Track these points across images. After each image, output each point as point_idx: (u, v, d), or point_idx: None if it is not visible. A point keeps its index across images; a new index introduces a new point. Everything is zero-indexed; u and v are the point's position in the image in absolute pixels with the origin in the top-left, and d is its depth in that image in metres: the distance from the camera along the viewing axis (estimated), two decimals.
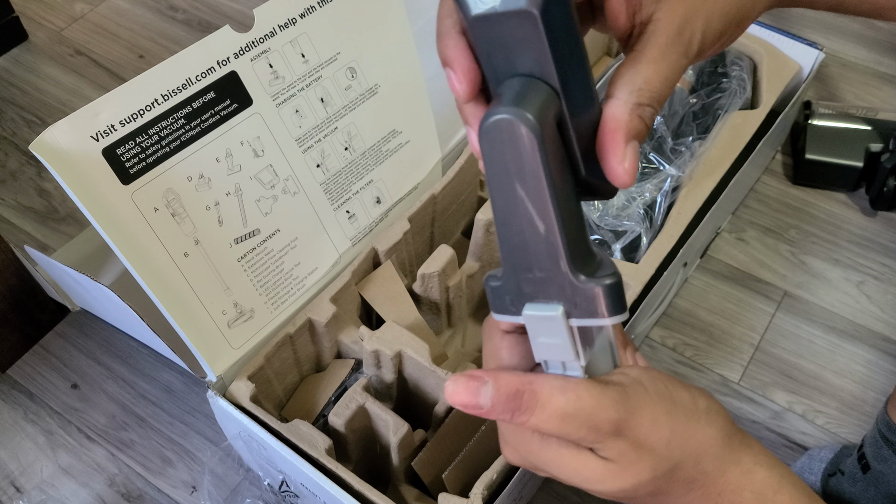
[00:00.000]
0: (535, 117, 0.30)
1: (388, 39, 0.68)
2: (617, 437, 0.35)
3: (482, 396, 0.34)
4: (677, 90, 0.85)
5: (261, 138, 0.61)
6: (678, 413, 0.36)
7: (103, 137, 0.52)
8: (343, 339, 0.69)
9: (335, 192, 0.68)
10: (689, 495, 0.38)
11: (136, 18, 1.21)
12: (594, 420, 0.34)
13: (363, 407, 0.63)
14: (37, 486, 0.77)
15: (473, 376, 0.34)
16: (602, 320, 0.34)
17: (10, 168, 1.02)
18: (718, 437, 0.37)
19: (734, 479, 0.37)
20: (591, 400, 0.34)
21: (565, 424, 0.34)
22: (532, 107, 0.31)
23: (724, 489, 0.37)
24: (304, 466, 0.59)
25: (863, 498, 0.66)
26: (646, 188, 0.77)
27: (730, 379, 0.82)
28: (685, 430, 0.36)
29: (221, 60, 0.57)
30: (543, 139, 0.30)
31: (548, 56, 0.31)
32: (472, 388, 0.34)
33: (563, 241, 0.32)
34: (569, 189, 0.33)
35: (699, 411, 0.37)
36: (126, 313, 0.61)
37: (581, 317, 0.34)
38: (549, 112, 0.31)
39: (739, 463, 0.37)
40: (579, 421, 0.34)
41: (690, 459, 0.37)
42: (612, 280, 0.33)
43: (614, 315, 0.34)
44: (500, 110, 0.30)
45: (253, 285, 0.63)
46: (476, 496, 0.57)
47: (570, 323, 0.34)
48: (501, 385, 0.34)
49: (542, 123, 0.31)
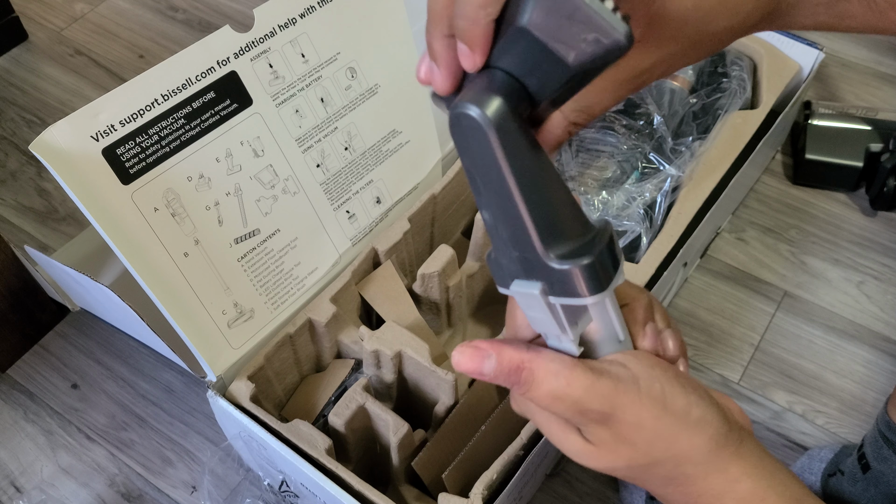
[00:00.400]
0: (492, 111, 0.31)
1: (388, 39, 0.68)
2: (600, 425, 0.37)
3: (486, 366, 0.37)
4: (677, 90, 0.85)
5: (261, 138, 0.61)
6: (666, 418, 0.37)
7: (103, 137, 0.52)
8: (343, 339, 0.69)
9: (335, 192, 0.68)
10: (667, 488, 0.39)
11: (136, 18, 1.21)
12: (580, 406, 0.36)
13: (363, 407, 0.63)
14: (37, 485, 0.77)
15: (479, 348, 0.37)
16: (580, 300, 0.35)
17: (10, 168, 1.02)
18: (704, 447, 0.37)
19: (717, 485, 0.38)
20: (580, 389, 0.36)
21: (555, 404, 0.37)
22: (491, 100, 0.32)
23: (704, 492, 0.38)
24: (304, 466, 0.59)
25: (863, 498, 0.66)
26: (646, 188, 0.77)
27: (730, 379, 0.82)
28: (669, 435, 0.37)
29: (221, 60, 0.58)
30: (501, 131, 0.32)
31: None
32: (477, 358, 0.37)
33: (533, 224, 0.34)
34: (541, 172, 0.34)
35: (689, 420, 0.37)
36: (126, 313, 0.61)
37: (559, 295, 0.35)
38: (511, 103, 0.32)
39: (725, 472, 0.38)
40: (567, 404, 0.36)
41: (671, 461, 0.38)
42: (589, 260, 0.34)
43: (594, 294, 0.34)
44: (460, 105, 0.32)
45: (253, 285, 0.63)
46: (476, 496, 0.57)
47: (549, 300, 0.35)
48: (504, 359, 0.37)
49: (502, 115, 0.32)
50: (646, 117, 0.81)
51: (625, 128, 0.81)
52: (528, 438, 0.60)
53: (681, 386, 0.38)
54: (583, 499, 0.74)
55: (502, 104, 0.32)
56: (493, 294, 0.79)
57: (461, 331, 0.80)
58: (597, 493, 0.74)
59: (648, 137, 0.80)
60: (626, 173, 0.79)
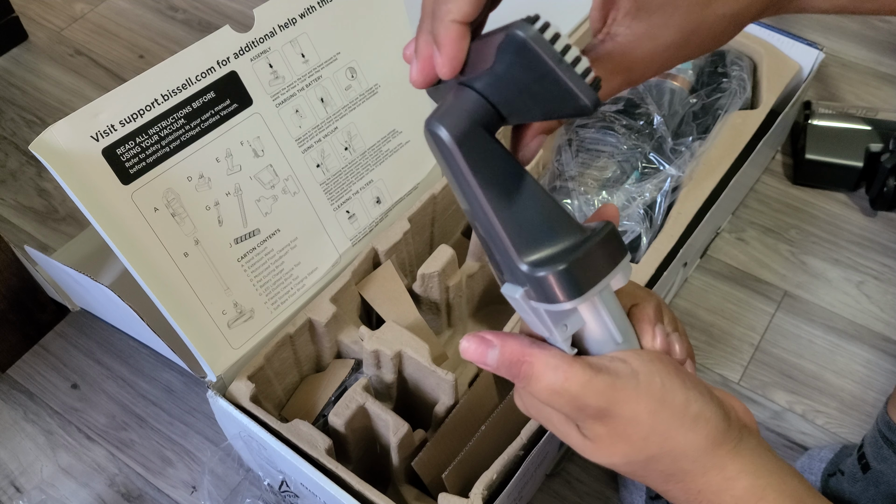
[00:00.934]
0: (458, 132, 0.33)
1: (388, 39, 0.68)
2: (596, 421, 0.37)
3: (489, 357, 0.38)
4: (677, 90, 0.85)
5: (261, 138, 0.61)
6: (663, 413, 0.37)
7: (103, 137, 0.52)
8: (343, 339, 0.69)
9: (335, 192, 0.68)
10: (667, 485, 0.39)
11: (136, 18, 1.21)
12: (578, 402, 0.37)
13: (363, 407, 0.63)
14: (37, 486, 0.77)
15: (485, 339, 0.39)
16: (558, 305, 0.35)
17: (10, 168, 1.02)
18: (701, 444, 0.37)
19: (715, 482, 0.38)
20: (577, 385, 0.36)
21: (553, 398, 0.37)
22: (459, 121, 0.33)
23: (703, 488, 0.38)
24: (304, 466, 0.59)
25: (863, 497, 0.66)
26: (646, 188, 0.77)
27: (730, 379, 0.82)
28: (665, 431, 0.37)
29: (221, 60, 0.58)
30: (467, 149, 0.33)
31: None
32: (482, 349, 0.38)
33: (506, 233, 0.35)
34: (513, 182, 0.35)
35: (687, 416, 0.37)
36: (126, 313, 0.61)
37: (539, 300, 0.36)
38: (480, 122, 0.34)
39: (723, 469, 0.38)
40: (564, 399, 0.37)
41: (668, 456, 0.38)
42: (563, 266, 0.34)
43: (571, 299, 0.35)
44: (431, 123, 0.34)
45: (253, 285, 0.63)
46: (476, 496, 0.57)
47: (532, 305, 0.36)
48: (506, 351, 0.38)
49: (467, 136, 0.33)
50: (646, 117, 0.81)
51: (625, 128, 0.81)
52: (529, 438, 0.60)
53: (681, 381, 0.38)
54: (583, 499, 0.74)
55: (468, 125, 0.33)
56: (493, 294, 0.79)
57: (461, 331, 0.80)
58: (597, 493, 0.74)
59: (648, 137, 0.80)
60: (626, 173, 0.79)
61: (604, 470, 0.75)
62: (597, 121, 0.82)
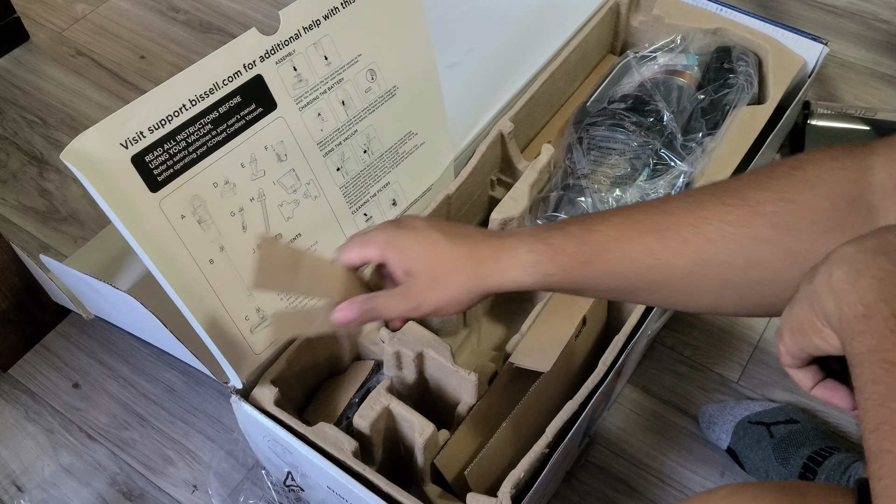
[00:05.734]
0: None
1: (407, 39, 0.68)
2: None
3: None
4: (685, 87, 0.86)
5: (284, 142, 0.61)
6: None
7: (132, 145, 0.52)
8: (363, 341, 0.70)
9: (354, 196, 0.68)
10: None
11: (138, 19, 1.20)
12: None
13: (388, 408, 0.63)
14: (38, 485, 0.76)
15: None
16: None
17: (12, 168, 1.01)
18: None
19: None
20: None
21: None
22: None
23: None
24: (331, 469, 0.59)
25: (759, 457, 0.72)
26: (659, 185, 0.78)
27: (729, 378, 0.82)
28: None
29: (248, 64, 0.57)
30: None
31: None
32: None
33: None
34: None
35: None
36: (147, 320, 0.61)
37: None
38: None
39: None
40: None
41: None
42: None
43: None
44: None
45: None
46: (504, 495, 0.57)
47: None
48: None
49: None
50: (655, 114, 0.82)
51: (634, 125, 0.81)
52: (554, 436, 0.60)
53: None
54: (583, 498, 0.74)
55: None
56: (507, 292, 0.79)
57: (476, 330, 0.81)
58: (597, 493, 0.75)
59: (658, 134, 0.81)
60: (638, 170, 0.79)
61: (604, 470, 0.76)
62: (606, 118, 0.83)
